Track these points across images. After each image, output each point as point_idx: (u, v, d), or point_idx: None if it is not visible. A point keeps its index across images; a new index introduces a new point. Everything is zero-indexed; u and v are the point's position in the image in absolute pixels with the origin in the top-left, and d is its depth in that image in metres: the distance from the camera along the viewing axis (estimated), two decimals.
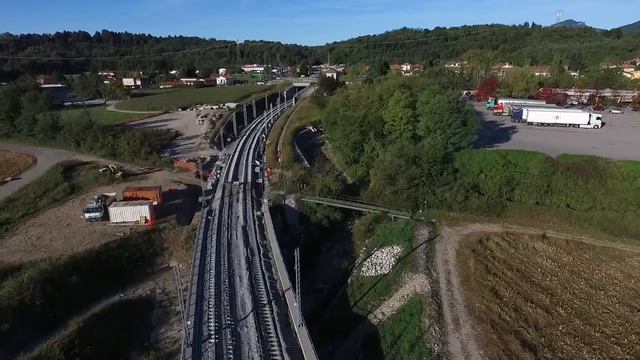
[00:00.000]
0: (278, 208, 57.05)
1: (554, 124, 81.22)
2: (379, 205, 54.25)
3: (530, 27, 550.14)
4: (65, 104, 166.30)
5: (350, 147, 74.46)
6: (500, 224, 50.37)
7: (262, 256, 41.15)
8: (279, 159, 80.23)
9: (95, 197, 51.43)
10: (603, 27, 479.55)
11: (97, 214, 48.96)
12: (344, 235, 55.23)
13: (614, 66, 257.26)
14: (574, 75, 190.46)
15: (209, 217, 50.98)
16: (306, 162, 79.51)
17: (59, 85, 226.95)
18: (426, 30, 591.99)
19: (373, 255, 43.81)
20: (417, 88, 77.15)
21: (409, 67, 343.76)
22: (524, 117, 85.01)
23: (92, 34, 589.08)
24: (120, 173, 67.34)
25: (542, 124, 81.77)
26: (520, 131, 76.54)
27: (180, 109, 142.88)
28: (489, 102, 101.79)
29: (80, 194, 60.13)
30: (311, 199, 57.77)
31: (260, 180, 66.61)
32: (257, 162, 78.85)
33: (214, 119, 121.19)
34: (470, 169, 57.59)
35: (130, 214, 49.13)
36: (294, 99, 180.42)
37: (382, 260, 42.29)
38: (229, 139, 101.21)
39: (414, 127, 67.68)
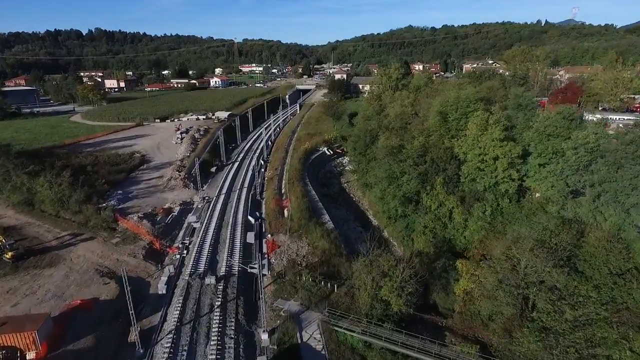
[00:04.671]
0: (289, 354, 28.51)
1: None
2: None
3: (543, 24, 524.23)
4: (24, 110, 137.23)
5: (400, 198, 46.01)
6: None
7: None
8: (286, 210, 51.85)
9: None
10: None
11: None
12: None
13: None
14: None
15: None
16: (327, 218, 51.05)
17: (29, 87, 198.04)
18: (433, 28, 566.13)
19: None
20: (506, 102, 48.59)
21: (421, 67, 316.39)
22: None
23: (85, 32, 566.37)
24: (10, 254, 38.72)
25: None
26: None
27: (158, 120, 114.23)
28: None
29: None
30: (354, 332, 29.31)
31: (256, 267, 37.96)
32: (250, 217, 50.24)
33: (197, 135, 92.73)
34: None
35: None
36: (298, 105, 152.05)
37: None
38: (213, 168, 72.80)
39: (520, 174, 39.10)
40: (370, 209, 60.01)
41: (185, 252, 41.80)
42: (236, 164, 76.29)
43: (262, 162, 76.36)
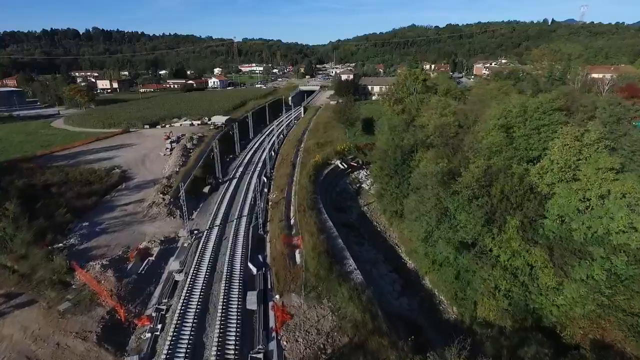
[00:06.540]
0: None
1: None
2: None
3: (550, 23, 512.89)
4: (3, 114, 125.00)
5: (455, 245, 33.81)
6: None
7: None
8: (297, 253, 39.61)
9: None
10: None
11: None
12: None
13: None
14: None
15: None
16: (352, 264, 38.76)
17: (13, 89, 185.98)
18: (437, 27, 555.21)
19: None
20: (593, 113, 36.34)
21: (428, 66, 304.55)
22: None
23: (82, 32, 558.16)
24: None
25: None
26: None
27: (147, 126, 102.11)
28: (637, 124, 59.69)
29: None
30: None
31: (260, 358, 25.79)
32: (251, 265, 37.94)
33: (189, 145, 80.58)
34: None
35: None
36: (302, 107, 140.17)
37: None
38: (207, 188, 60.72)
39: None
40: (402, 244, 47.81)
41: (159, 326, 29.49)
42: (234, 181, 64.10)
43: (265, 180, 64.14)
